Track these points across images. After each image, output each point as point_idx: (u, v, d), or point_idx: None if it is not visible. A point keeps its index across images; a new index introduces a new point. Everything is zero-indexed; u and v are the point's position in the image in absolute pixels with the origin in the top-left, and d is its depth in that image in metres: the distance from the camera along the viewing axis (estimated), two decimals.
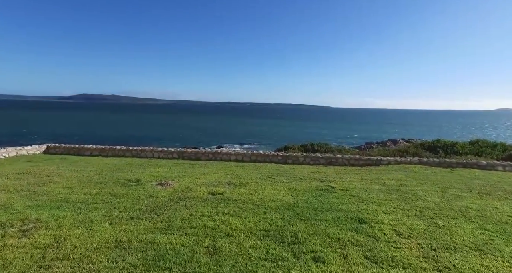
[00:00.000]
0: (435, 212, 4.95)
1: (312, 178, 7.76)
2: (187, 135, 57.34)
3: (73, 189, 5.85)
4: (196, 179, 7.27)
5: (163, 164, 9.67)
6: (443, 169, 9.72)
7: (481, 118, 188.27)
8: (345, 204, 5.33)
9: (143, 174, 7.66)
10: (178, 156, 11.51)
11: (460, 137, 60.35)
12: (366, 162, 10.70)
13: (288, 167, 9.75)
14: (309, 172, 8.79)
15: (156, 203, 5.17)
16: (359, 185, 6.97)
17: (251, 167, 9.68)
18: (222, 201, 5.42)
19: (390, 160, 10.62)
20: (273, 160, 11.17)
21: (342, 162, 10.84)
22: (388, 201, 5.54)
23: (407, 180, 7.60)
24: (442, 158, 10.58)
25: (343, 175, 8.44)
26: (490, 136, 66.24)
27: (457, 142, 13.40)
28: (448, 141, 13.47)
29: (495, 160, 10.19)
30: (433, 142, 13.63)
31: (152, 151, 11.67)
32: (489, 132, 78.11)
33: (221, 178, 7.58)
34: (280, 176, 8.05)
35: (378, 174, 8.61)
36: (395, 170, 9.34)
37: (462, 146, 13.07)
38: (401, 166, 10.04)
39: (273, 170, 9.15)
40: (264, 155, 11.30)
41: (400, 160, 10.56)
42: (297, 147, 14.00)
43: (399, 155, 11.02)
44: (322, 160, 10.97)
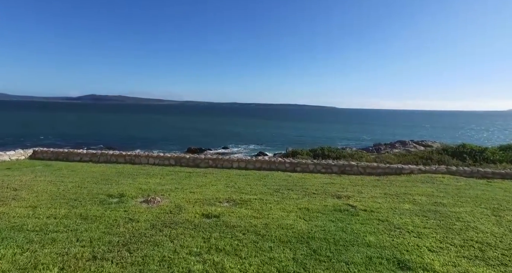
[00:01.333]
0: (503, 252, 3.72)
1: (327, 193, 6.59)
2: (192, 136, 56.66)
3: (36, 210, 4.80)
4: (190, 194, 6.17)
5: (156, 173, 8.60)
6: (477, 180, 8.45)
7: (494, 118, 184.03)
8: (374, 234, 4.16)
9: (130, 187, 6.59)
10: (175, 163, 10.44)
11: (477, 139, 58.27)
12: (385, 171, 9.48)
13: (297, 177, 8.60)
14: (322, 184, 7.62)
15: (133, 232, 4.08)
16: (384, 203, 5.78)
17: (256, 176, 8.55)
18: (218, 228, 4.30)
19: (413, 168, 9.39)
20: (280, 168, 10.03)
21: (357, 170, 9.64)
22: (429, 230, 4.34)
23: (440, 196, 6.38)
24: (473, 167, 9.31)
25: (361, 188, 7.25)
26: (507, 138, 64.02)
27: (486, 148, 12.08)
28: (475, 147, 12.15)
29: None
30: (458, 147, 12.32)
31: (147, 157, 10.63)
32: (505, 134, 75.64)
33: (220, 192, 6.47)
34: (288, 189, 6.90)
35: (403, 187, 7.40)
36: (421, 181, 8.12)
37: (492, 153, 11.75)
38: (427, 176, 8.80)
39: (280, 180, 8.01)
40: (270, 162, 10.17)
41: (424, 169, 9.32)
42: (306, 152, 12.84)
43: (422, 163, 9.78)
44: (334, 168, 9.79)
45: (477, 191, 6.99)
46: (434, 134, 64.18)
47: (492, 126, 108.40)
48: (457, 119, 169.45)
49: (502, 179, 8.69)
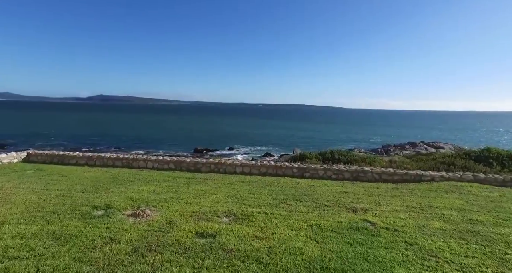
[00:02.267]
0: None
1: (340, 205, 5.79)
2: (199, 136, 56.34)
3: (2, 227, 4.16)
4: (185, 206, 5.46)
5: (153, 178, 7.94)
6: (509, 189, 7.53)
7: (504, 119, 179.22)
8: (404, 266, 3.37)
9: (120, 197, 5.93)
10: (175, 167, 9.78)
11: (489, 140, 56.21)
12: (403, 178, 8.61)
13: (306, 184, 7.82)
14: (334, 193, 6.83)
15: (110, 258, 3.38)
16: (409, 219, 4.96)
17: (260, 183, 7.81)
18: (212, 252, 3.58)
19: (434, 175, 8.49)
20: (287, 173, 9.26)
21: (371, 177, 8.80)
22: (475, 261, 3.51)
23: (474, 211, 5.51)
24: (505, 174, 8.35)
25: (379, 198, 6.43)
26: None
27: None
28: (503, 151, 11.10)
29: None
30: (482, 151, 11.30)
31: (145, 160, 10.00)
32: None
33: (220, 203, 5.75)
34: (296, 200, 6.13)
35: (426, 197, 6.55)
36: (445, 190, 7.24)
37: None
38: (451, 184, 7.90)
39: (287, 188, 7.25)
40: (277, 167, 9.40)
41: (447, 176, 8.41)
42: (315, 156, 12.02)
43: (444, 169, 8.87)
44: (346, 174, 8.96)
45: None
46: (443, 136, 62.30)
47: (500, 126, 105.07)
48: (467, 120, 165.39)
49: None
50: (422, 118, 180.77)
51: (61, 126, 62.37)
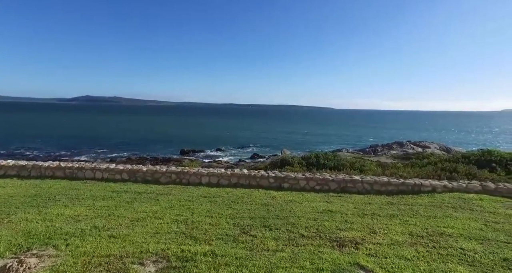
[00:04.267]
0: None
1: (323, 234, 4.29)
2: (187, 137, 54.54)
3: None
4: (105, 242, 3.83)
5: (90, 195, 6.24)
6: None
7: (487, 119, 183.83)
8: None
9: (14, 230, 4.22)
10: (128, 177, 8.09)
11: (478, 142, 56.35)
12: (398, 188, 7.21)
13: (283, 200, 6.30)
14: (316, 213, 5.33)
15: None
16: (418, 261, 3.49)
17: (226, 199, 6.24)
18: None
19: (435, 185, 7.12)
20: (262, 184, 7.72)
21: (362, 188, 7.36)
22: None
23: (502, 242, 4.09)
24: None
25: (372, 220, 4.97)
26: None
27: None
28: (505, 153, 9.93)
29: None
30: (483, 154, 10.09)
31: (93, 169, 8.26)
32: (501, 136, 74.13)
33: (158, 235, 4.15)
34: (265, 227, 4.59)
35: (431, 218, 5.13)
36: (452, 206, 5.86)
37: None
38: (457, 197, 6.55)
39: (258, 207, 5.71)
40: (250, 176, 7.84)
41: (451, 186, 7.06)
42: (297, 161, 10.54)
43: (446, 177, 7.54)
44: (333, 184, 7.50)
45: None
46: (431, 136, 62.34)
47: (484, 126, 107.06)
48: (455, 120, 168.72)
49: None
50: (408, 118, 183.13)
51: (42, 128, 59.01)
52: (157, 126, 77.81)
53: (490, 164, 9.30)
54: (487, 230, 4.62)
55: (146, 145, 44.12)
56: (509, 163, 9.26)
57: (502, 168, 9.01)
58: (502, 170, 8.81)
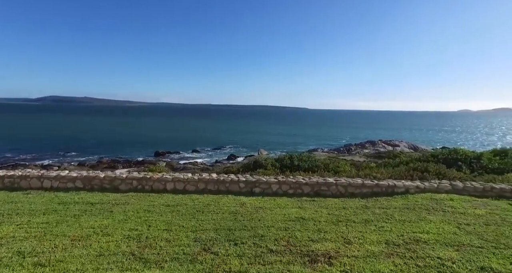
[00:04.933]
0: None
1: (294, 247, 3.87)
2: (162, 139, 52.82)
3: None
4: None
5: (27, 210, 5.33)
6: (496, 203, 6.22)
7: (450, 119, 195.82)
8: None
9: None
10: (83, 185, 7.23)
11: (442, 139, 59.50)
12: (373, 190, 7.01)
13: (253, 207, 5.84)
14: (287, 222, 4.91)
15: None
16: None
17: (190, 208, 5.67)
18: None
19: (408, 186, 6.99)
20: (232, 189, 7.20)
21: (336, 190, 7.08)
22: None
23: (476, 247, 3.90)
24: (486, 183, 7.10)
25: (347, 228, 4.63)
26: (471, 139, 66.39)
27: (482, 154, 10.13)
28: (470, 152, 10.16)
29: None
30: (450, 153, 10.27)
31: (41, 177, 7.29)
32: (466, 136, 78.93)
33: (101, 258, 3.50)
34: (230, 241, 4.09)
35: (406, 222, 4.90)
36: (425, 208, 5.70)
37: (488, 159, 9.81)
38: (429, 197, 6.44)
39: (225, 216, 5.20)
40: (219, 181, 7.30)
41: (423, 187, 6.96)
42: (271, 163, 10.14)
43: (418, 177, 7.47)
44: (306, 188, 7.15)
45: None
46: (400, 134, 65.09)
47: (447, 125, 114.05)
48: (422, 119, 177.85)
49: None
50: (379, 118, 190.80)
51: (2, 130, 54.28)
52: (131, 127, 74.70)
53: (456, 163, 9.46)
54: (461, 233, 4.44)
55: (119, 147, 42.04)
56: (473, 161, 9.47)
57: (467, 166, 9.19)
58: (467, 168, 8.97)
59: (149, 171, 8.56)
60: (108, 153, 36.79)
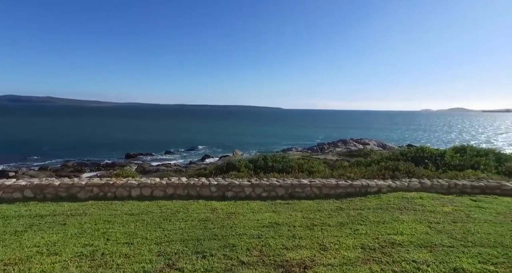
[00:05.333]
0: None
1: (267, 258, 3.60)
2: (133, 140, 50.63)
3: None
4: None
5: None
6: (460, 199, 6.42)
7: (410, 118, 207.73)
8: None
9: None
10: (33, 195, 6.46)
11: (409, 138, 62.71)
12: (347, 191, 6.96)
13: (225, 212, 5.51)
14: (260, 228, 4.65)
15: None
16: None
17: (157, 216, 5.22)
18: None
19: (380, 185, 7.04)
20: (202, 193, 6.82)
21: (310, 192, 6.95)
22: None
23: (447, 246, 3.90)
24: (450, 180, 7.33)
25: (322, 233, 4.46)
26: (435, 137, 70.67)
27: (445, 151, 10.57)
28: (434, 150, 10.57)
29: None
30: (417, 151, 10.62)
31: None
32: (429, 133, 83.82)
33: None
34: (198, 253, 3.73)
35: (380, 224, 4.84)
36: (398, 208, 5.72)
37: (451, 156, 10.26)
38: (400, 196, 6.50)
39: (194, 224, 4.83)
40: (189, 185, 6.87)
41: (394, 186, 7.04)
42: (244, 164, 9.86)
43: (390, 176, 7.57)
44: (280, 190, 6.94)
45: (479, 225, 4.76)
46: (366, 133, 67.73)
47: (410, 124, 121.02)
48: (390, 119, 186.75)
49: (484, 195, 6.82)
50: (352, 117, 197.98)
51: None
52: (101, 129, 70.85)
53: (424, 161, 9.79)
54: (432, 233, 4.45)
55: (87, 149, 39.61)
56: (437, 158, 9.85)
57: (433, 163, 9.53)
58: (433, 166, 9.31)
59: (114, 176, 7.91)
60: (74, 156, 34.50)
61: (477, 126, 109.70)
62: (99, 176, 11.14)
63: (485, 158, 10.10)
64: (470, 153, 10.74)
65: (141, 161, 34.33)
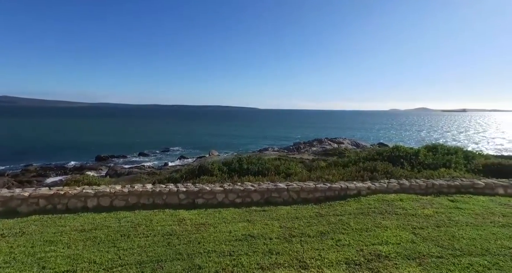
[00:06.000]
0: None
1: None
2: (105, 142, 47.93)
3: None
4: None
5: None
6: (438, 200, 6.27)
7: (378, 118, 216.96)
8: None
9: None
10: None
11: (377, 137, 64.90)
12: (325, 195, 6.58)
13: (194, 224, 4.89)
14: (232, 243, 4.09)
15: None
16: None
17: (113, 232, 4.48)
18: None
19: (360, 188, 6.73)
20: (170, 202, 6.13)
21: (287, 197, 6.49)
22: None
23: (436, 256, 3.58)
24: (428, 180, 7.20)
25: (301, 246, 3.98)
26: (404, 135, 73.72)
27: (419, 150, 10.60)
28: (409, 149, 10.56)
29: (494, 180, 7.32)
30: (392, 151, 10.56)
31: None
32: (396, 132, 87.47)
33: None
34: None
35: (363, 232, 4.46)
36: (379, 212, 5.41)
37: (424, 155, 10.30)
38: (380, 199, 6.23)
39: (155, 241, 4.16)
40: (154, 193, 6.15)
41: (374, 188, 6.76)
42: (218, 167, 9.22)
43: (369, 177, 7.32)
44: (255, 195, 6.42)
45: (462, 228, 4.54)
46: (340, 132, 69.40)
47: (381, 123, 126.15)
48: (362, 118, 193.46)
49: (460, 195, 6.74)
50: (323, 117, 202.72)
51: None
52: (69, 130, 66.38)
53: (399, 160, 9.73)
54: (418, 241, 4.14)
55: (54, 152, 36.72)
56: (412, 158, 9.85)
57: (408, 162, 9.50)
58: (408, 165, 9.26)
59: (65, 185, 6.95)
60: (39, 160, 31.79)
61: (441, 125, 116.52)
62: (64, 181, 10.01)
63: (455, 156, 10.25)
64: (441, 151, 10.88)
65: (113, 164, 32.39)
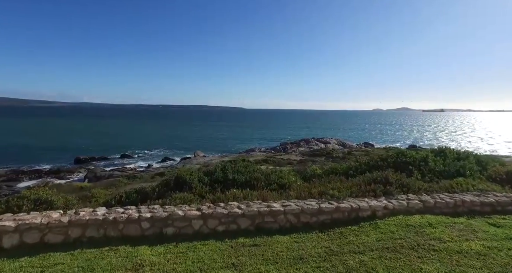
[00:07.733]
0: None
1: None
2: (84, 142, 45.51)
3: None
4: None
5: None
6: (474, 223, 4.97)
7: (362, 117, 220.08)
8: None
9: None
10: None
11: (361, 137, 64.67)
12: (332, 217, 5.16)
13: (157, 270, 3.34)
14: None
15: None
16: None
17: None
18: None
19: (375, 208, 5.32)
20: (129, 233, 4.53)
21: (284, 221, 5.02)
22: None
23: None
24: (453, 195, 5.88)
25: None
26: None
27: (427, 155, 9.37)
28: (415, 153, 9.29)
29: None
30: (398, 156, 9.27)
31: None
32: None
33: None
34: None
35: None
36: (412, 247, 4.04)
37: (434, 161, 9.09)
38: (403, 223, 4.87)
39: None
40: (107, 222, 4.51)
41: (392, 207, 5.38)
42: (198, 178, 7.61)
43: (382, 192, 5.94)
44: (243, 221, 4.91)
45: None
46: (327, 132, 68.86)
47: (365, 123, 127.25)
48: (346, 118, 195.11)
49: (497, 214, 5.41)
50: (309, 117, 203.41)
51: None
52: (47, 131, 62.54)
53: (407, 167, 8.48)
54: None
55: (29, 154, 33.89)
56: (421, 164, 8.63)
57: (417, 170, 8.26)
58: (418, 173, 8.02)
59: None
60: (10, 163, 29.02)
61: (425, 125, 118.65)
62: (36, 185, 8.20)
63: (468, 161, 9.11)
64: (451, 156, 9.73)
65: (93, 166, 30.02)
